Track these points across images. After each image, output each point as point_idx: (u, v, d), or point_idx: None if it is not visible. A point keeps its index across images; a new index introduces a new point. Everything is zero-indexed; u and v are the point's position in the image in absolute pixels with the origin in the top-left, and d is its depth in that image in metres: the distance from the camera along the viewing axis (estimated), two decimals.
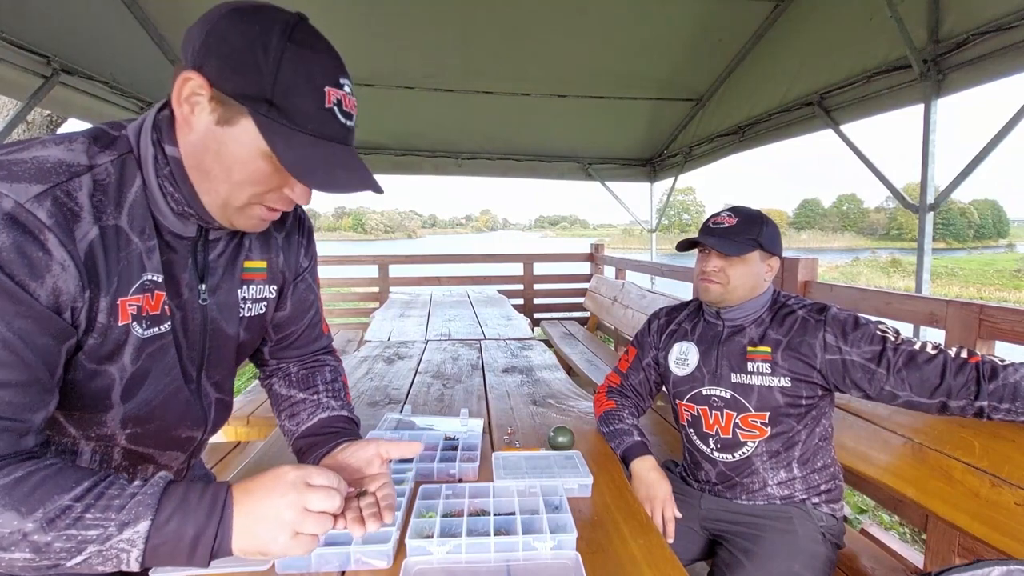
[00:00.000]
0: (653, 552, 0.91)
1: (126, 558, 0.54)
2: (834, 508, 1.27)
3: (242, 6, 0.61)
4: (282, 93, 0.59)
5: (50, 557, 0.52)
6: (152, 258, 0.66)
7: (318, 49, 0.63)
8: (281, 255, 0.85)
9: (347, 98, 0.64)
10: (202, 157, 0.63)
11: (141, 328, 0.66)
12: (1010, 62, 1.80)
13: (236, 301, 0.79)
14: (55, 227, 0.55)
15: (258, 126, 0.59)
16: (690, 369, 1.34)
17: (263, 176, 0.63)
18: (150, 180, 0.64)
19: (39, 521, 0.51)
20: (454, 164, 4.63)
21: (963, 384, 1.02)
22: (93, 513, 0.53)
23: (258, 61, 0.58)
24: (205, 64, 0.59)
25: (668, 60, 3.24)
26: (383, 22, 2.85)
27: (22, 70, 2.08)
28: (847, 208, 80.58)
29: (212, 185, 0.64)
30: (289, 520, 0.58)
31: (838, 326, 1.16)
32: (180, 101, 0.60)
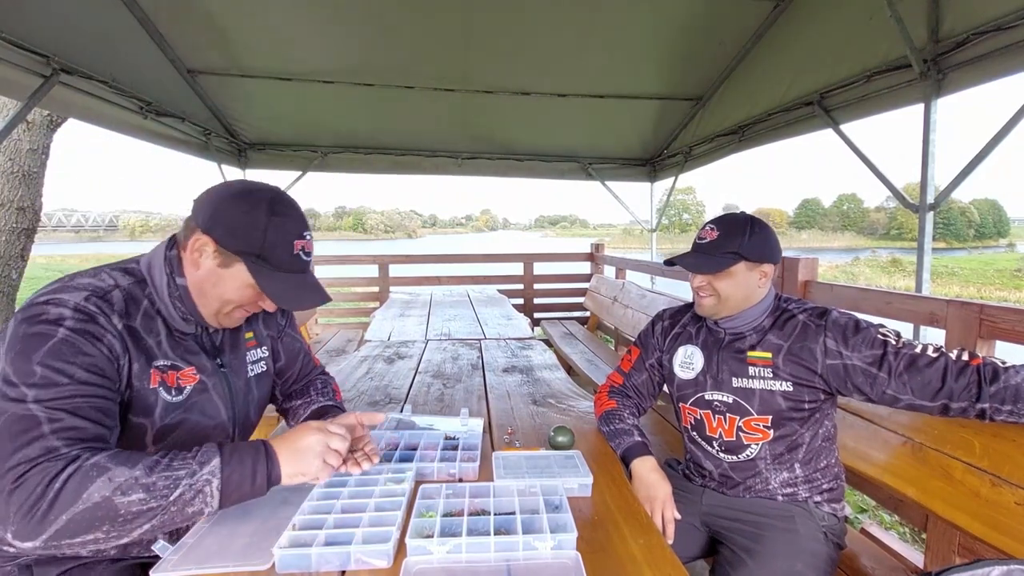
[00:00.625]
0: (653, 552, 0.91)
1: (209, 489, 0.80)
2: (836, 508, 1.27)
3: (239, 189, 0.93)
4: (268, 250, 0.91)
5: (155, 494, 0.75)
6: (160, 350, 0.94)
7: (290, 215, 0.94)
8: (261, 323, 1.18)
9: (308, 244, 0.97)
10: (204, 286, 0.94)
11: (167, 393, 0.94)
12: (1010, 61, 1.80)
13: (245, 364, 1.10)
14: (100, 313, 0.85)
15: (250, 271, 0.92)
16: (694, 373, 1.33)
17: (247, 298, 0.96)
18: (162, 298, 0.94)
19: (143, 468, 0.76)
20: (454, 164, 4.63)
21: (964, 387, 1.02)
22: (176, 461, 0.79)
23: (253, 231, 0.90)
24: (213, 229, 0.90)
25: (668, 60, 3.24)
26: (384, 22, 2.85)
27: (22, 70, 2.08)
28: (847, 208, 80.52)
29: (208, 302, 0.96)
30: (319, 450, 0.89)
31: (839, 331, 1.16)
32: (192, 250, 0.92)
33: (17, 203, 3.48)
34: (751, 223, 1.25)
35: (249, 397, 1.11)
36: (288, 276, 0.94)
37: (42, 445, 0.73)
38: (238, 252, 0.91)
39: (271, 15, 2.75)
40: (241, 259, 0.91)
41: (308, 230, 0.97)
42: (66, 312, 0.81)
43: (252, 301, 0.97)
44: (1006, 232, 70.58)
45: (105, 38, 2.48)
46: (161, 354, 0.93)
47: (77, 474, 0.72)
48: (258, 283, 0.92)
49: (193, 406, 0.97)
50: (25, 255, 3.66)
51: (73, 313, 0.81)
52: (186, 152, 3.58)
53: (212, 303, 0.95)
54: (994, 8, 1.80)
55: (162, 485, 0.75)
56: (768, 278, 1.26)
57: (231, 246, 0.90)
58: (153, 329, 0.93)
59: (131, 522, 0.74)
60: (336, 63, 3.24)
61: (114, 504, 0.72)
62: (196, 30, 2.81)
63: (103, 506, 0.72)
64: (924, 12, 2.01)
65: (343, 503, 1.00)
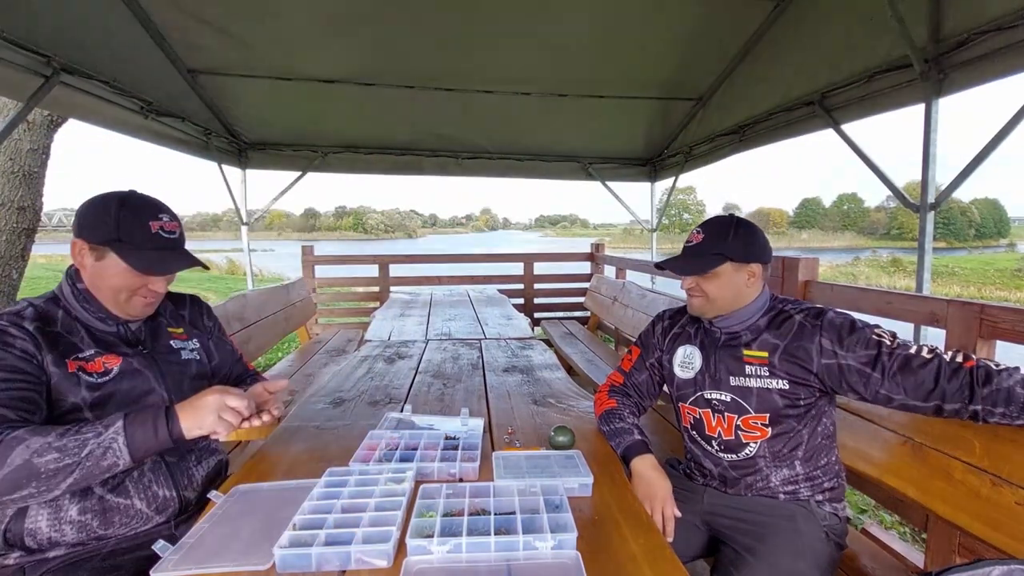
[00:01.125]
0: (653, 551, 0.91)
1: (116, 445, 0.92)
2: (837, 507, 1.27)
3: (94, 197, 1.11)
4: (125, 232, 1.08)
5: (67, 453, 0.89)
6: (84, 344, 1.10)
7: (140, 204, 1.12)
8: (189, 324, 1.34)
9: (166, 224, 1.13)
10: (94, 282, 1.11)
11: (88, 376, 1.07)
12: (1011, 61, 1.80)
13: (170, 348, 1.24)
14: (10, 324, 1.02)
15: (117, 254, 1.07)
16: (693, 373, 1.35)
17: (131, 280, 1.10)
18: (72, 304, 1.12)
19: (54, 435, 0.90)
20: (455, 164, 4.63)
21: (957, 388, 1.03)
22: (86, 427, 0.93)
23: (108, 222, 1.08)
24: (82, 232, 1.08)
25: (669, 60, 3.23)
26: (384, 22, 2.84)
27: (22, 70, 2.08)
28: (848, 207, 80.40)
29: (105, 295, 1.12)
30: (215, 407, 1.00)
31: (834, 331, 1.17)
32: (75, 256, 1.10)
33: (18, 203, 3.48)
34: (736, 224, 1.27)
35: (184, 374, 1.24)
36: (152, 251, 1.10)
37: None
38: (103, 243, 1.07)
39: (272, 15, 2.75)
40: (108, 247, 1.07)
41: (164, 213, 1.13)
42: None
43: (140, 284, 1.12)
44: (1006, 232, 70.51)
45: (106, 38, 2.48)
46: (85, 345, 1.09)
47: (1, 446, 0.87)
48: (125, 260, 1.07)
49: (122, 379, 1.11)
50: (25, 255, 3.66)
51: None
52: (186, 152, 3.58)
53: (107, 293, 1.11)
54: (995, 8, 1.79)
55: (72, 445, 0.89)
56: (757, 278, 1.27)
57: (96, 239, 1.07)
58: (75, 331, 1.10)
59: (53, 478, 0.89)
60: (337, 63, 3.24)
61: (33, 464, 0.87)
62: (197, 30, 2.81)
63: (24, 468, 0.86)
64: (925, 12, 2.01)
65: (343, 503, 1.00)
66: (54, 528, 1.02)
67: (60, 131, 3.67)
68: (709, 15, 2.79)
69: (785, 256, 2.19)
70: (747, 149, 3.47)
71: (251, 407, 1.06)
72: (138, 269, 1.09)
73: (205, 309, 1.43)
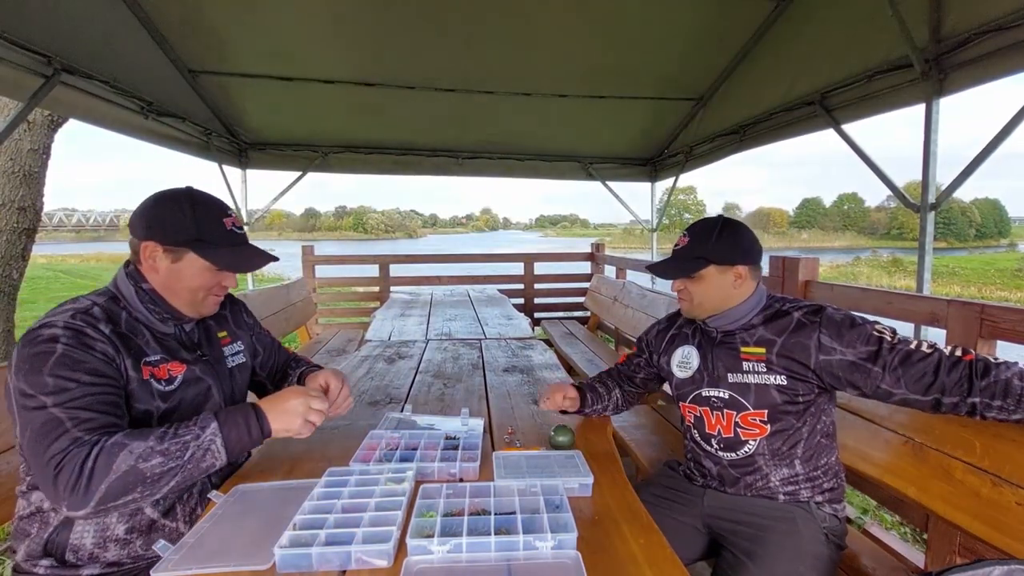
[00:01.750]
0: (654, 551, 0.91)
1: (215, 447, 0.94)
2: (836, 508, 1.27)
3: (158, 196, 1.08)
4: (204, 232, 1.07)
5: (171, 457, 0.90)
6: (150, 347, 1.08)
7: (209, 201, 1.11)
8: (233, 325, 1.35)
9: (235, 219, 1.13)
10: (170, 284, 1.09)
11: (158, 384, 1.06)
12: (1012, 61, 1.79)
13: (222, 355, 1.26)
14: (86, 325, 0.98)
15: (198, 254, 1.06)
16: (691, 372, 1.36)
17: (208, 280, 1.11)
18: (136, 306, 1.08)
19: (155, 439, 0.90)
20: (455, 163, 4.63)
21: (956, 381, 1.03)
22: (181, 429, 0.93)
23: (185, 222, 1.05)
24: (154, 235, 1.05)
25: (669, 59, 3.23)
26: (384, 22, 2.84)
27: (23, 70, 2.08)
28: (848, 207, 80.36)
29: (180, 296, 1.10)
30: (301, 411, 1.02)
31: (833, 327, 1.17)
32: (146, 259, 1.07)
33: (18, 203, 3.48)
34: (721, 227, 1.28)
35: (233, 382, 1.26)
36: (231, 248, 1.10)
37: (69, 437, 0.87)
38: (182, 244, 1.05)
39: (272, 15, 2.75)
40: (187, 248, 1.06)
41: (230, 209, 1.14)
42: (58, 331, 0.95)
43: (215, 282, 1.12)
44: (1007, 232, 70.45)
45: (106, 38, 2.48)
46: (151, 351, 1.08)
47: (103, 453, 0.86)
48: (209, 260, 1.07)
49: (187, 388, 1.11)
50: (26, 255, 3.66)
51: (64, 331, 0.95)
52: (187, 152, 3.58)
53: (184, 295, 1.10)
54: (995, 8, 1.79)
55: (174, 449, 0.90)
56: (745, 279, 1.28)
57: (174, 241, 1.05)
58: (138, 332, 1.07)
59: (158, 481, 0.89)
60: (337, 63, 3.24)
61: (139, 470, 0.87)
62: (197, 30, 2.81)
63: (131, 473, 0.86)
64: (925, 11, 2.01)
65: (344, 503, 1.00)
66: (98, 545, 1.02)
67: (60, 131, 3.67)
68: (710, 15, 2.79)
69: (785, 256, 2.19)
70: (748, 149, 3.47)
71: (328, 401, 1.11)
72: (222, 267, 1.09)
73: (243, 307, 1.43)
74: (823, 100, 2.64)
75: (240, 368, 1.30)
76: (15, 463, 1.27)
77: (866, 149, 2.57)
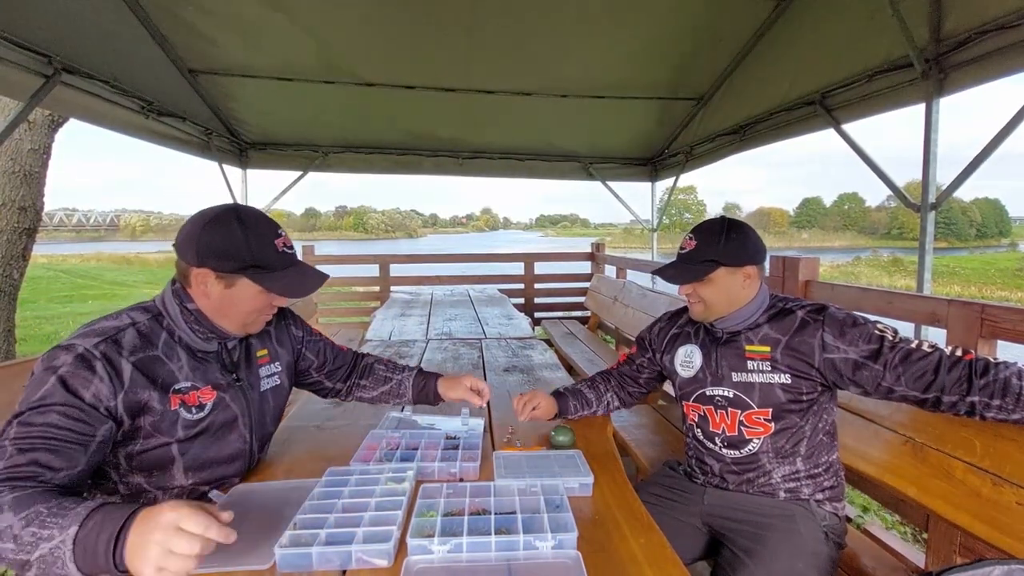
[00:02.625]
0: (654, 551, 0.91)
1: (63, 558, 0.74)
2: (836, 507, 1.27)
3: (207, 220, 1.02)
4: (258, 257, 1.03)
5: (22, 548, 0.75)
6: (183, 373, 1.05)
7: (259, 223, 1.05)
8: (275, 343, 1.30)
9: (285, 240, 1.09)
10: (222, 309, 1.06)
11: (188, 413, 1.05)
12: (1012, 61, 1.79)
13: (258, 377, 1.22)
14: (100, 359, 0.94)
15: (253, 281, 1.03)
16: (694, 371, 1.36)
17: (261, 303, 1.08)
18: (180, 326, 1.06)
19: (22, 519, 0.76)
20: (455, 163, 4.63)
21: (956, 380, 1.03)
22: (51, 519, 0.76)
23: (238, 248, 1.01)
24: (206, 261, 1.01)
25: (669, 59, 3.23)
26: (385, 22, 2.85)
27: (23, 69, 2.08)
28: (848, 207, 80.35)
29: (231, 320, 1.09)
30: (152, 557, 0.72)
31: (836, 326, 1.17)
32: (197, 284, 1.04)
33: (19, 203, 3.49)
34: (727, 228, 1.28)
35: (264, 407, 1.22)
36: (284, 272, 1.06)
37: None
38: (236, 271, 1.02)
39: (272, 15, 2.74)
40: (241, 274, 1.03)
41: (280, 228, 1.09)
42: (68, 359, 0.92)
43: (267, 304, 1.10)
44: (1008, 232, 70.42)
45: (107, 38, 2.48)
46: (183, 376, 1.05)
47: None
48: (264, 287, 1.04)
49: (215, 419, 1.10)
50: (26, 255, 3.66)
51: (73, 360, 0.92)
52: (187, 152, 3.58)
53: (236, 319, 1.09)
54: (996, 7, 1.79)
55: (27, 541, 0.76)
56: (753, 279, 1.28)
57: (227, 268, 1.02)
58: (175, 354, 1.05)
59: (12, 563, 0.77)
60: (337, 63, 3.24)
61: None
62: (197, 30, 2.81)
63: None
64: (926, 11, 2.01)
65: (344, 502, 1.00)
66: None
67: (61, 130, 3.68)
68: (710, 14, 2.79)
69: (786, 256, 2.19)
70: (748, 149, 3.47)
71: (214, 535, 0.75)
72: (279, 293, 1.06)
73: (291, 317, 1.38)
74: (823, 100, 2.64)
75: (274, 392, 1.26)
76: None
77: (866, 149, 2.57)
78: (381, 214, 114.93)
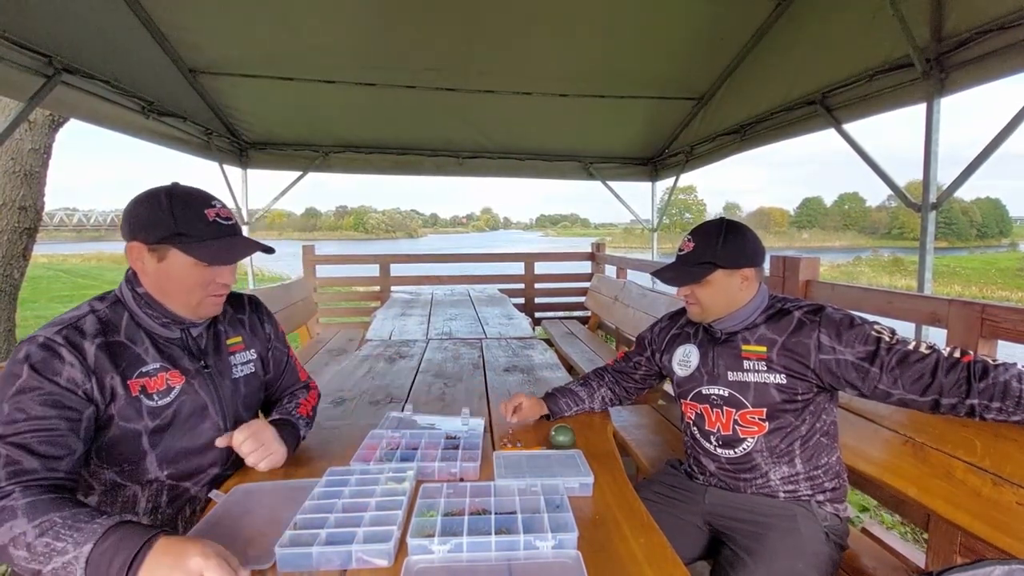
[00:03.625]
0: (654, 551, 0.91)
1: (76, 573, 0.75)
2: (838, 508, 1.27)
3: (139, 196, 1.04)
4: (183, 225, 1.01)
5: (35, 557, 0.77)
6: (149, 356, 1.05)
7: (189, 194, 1.05)
8: (248, 331, 1.28)
9: (221, 210, 1.07)
10: (161, 285, 1.05)
11: (150, 400, 1.04)
12: (1013, 60, 1.79)
13: (229, 365, 1.20)
14: (64, 344, 0.96)
15: (180, 250, 1.02)
16: (691, 370, 1.37)
17: (199, 276, 1.05)
18: (135, 311, 1.07)
19: (37, 528, 0.78)
20: (455, 163, 4.63)
21: (954, 382, 1.03)
22: (65, 531, 0.78)
23: (163, 218, 1.01)
24: (136, 234, 1.02)
25: (669, 59, 3.23)
26: (385, 22, 2.84)
27: (24, 69, 2.08)
28: (849, 207, 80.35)
29: (175, 298, 1.07)
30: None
31: (832, 327, 1.17)
32: (134, 260, 1.04)
33: (19, 202, 3.49)
34: (725, 231, 1.28)
35: (236, 396, 1.21)
36: (215, 241, 1.04)
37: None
38: (162, 240, 1.01)
39: (272, 15, 2.75)
40: (168, 244, 1.02)
41: (215, 200, 1.08)
42: (32, 349, 0.94)
43: (209, 280, 1.07)
44: (1008, 231, 70.42)
45: (107, 38, 2.48)
46: (150, 358, 1.05)
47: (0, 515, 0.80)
48: (192, 255, 1.02)
49: (182, 406, 1.08)
50: (27, 254, 3.67)
51: (38, 350, 0.94)
52: (188, 152, 3.58)
53: (179, 296, 1.07)
54: (997, 7, 1.79)
55: (41, 551, 0.77)
56: (750, 281, 1.28)
57: (154, 238, 1.01)
58: (138, 339, 1.05)
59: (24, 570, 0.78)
60: (337, 63, 3.24)
61: (8, 553, 0.79)
62: (198, 30, 2.81)
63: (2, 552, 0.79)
64: (927, 11, 2.00)
65: (344, 502, 1.00)
66: None
67: (61, 130, 3.68)
68: (711, 14, 2.79)
69: (786, 256, 2.19)
70: (748, 149, 3.47)
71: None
72: (205, 261, 1.03)
73: (265, 313, 1.36)
74: (824, 100, 2.63)
75: (248, 380, 1.24)
76: None
77: (867, 149, 2.57)
78: (381, 214, 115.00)
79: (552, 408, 1.53)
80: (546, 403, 1.54)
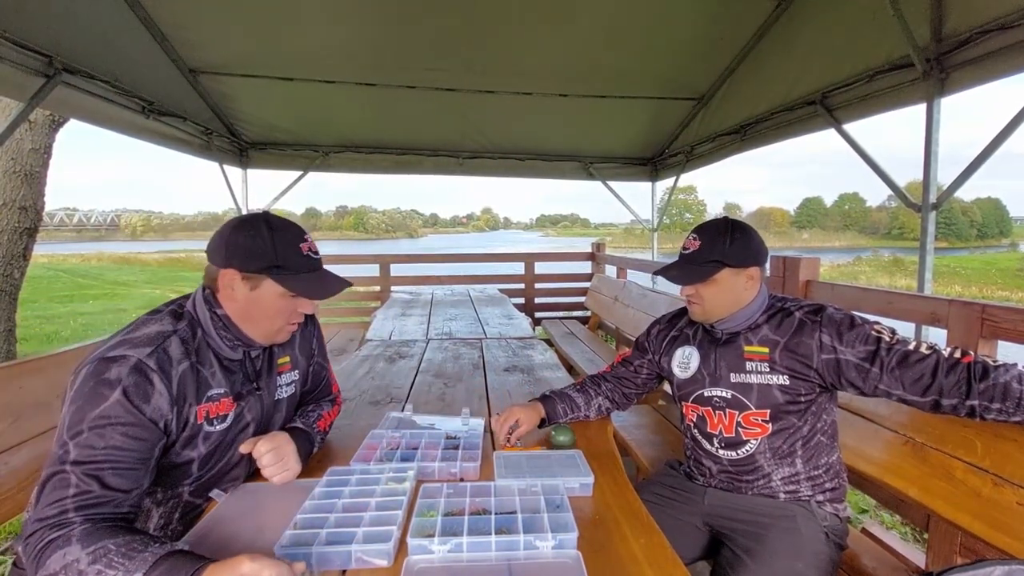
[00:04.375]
0: (654, 551, 0.91)
1: None
2: (838, 508, 1.27)
3: (237, 223, 1.05)
4: (281, 258, 1.03)
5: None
6: (215, 379, 1.06)
7: (287, 227, 1.07)
8: (297, 350, 1.29)
9: (311, 245, 1.10)
10: (249, 312, 1.06)
11: (210, 426, 1.05)
12: (1013, 60, 1.79)
13: (275, 386, 1.21)
14: (157, 371, 0.94)
15: (276, 281, 1.03)
16: (691, 372, 1.36)
17: (285, 307, 1.07)
18: (210, 332, 1.06)
19: (90, 556, 0.78)
20: (455, 163, 4.63)
21: (955, 383, 1.03)
22: (118, 560, 0.78)
23: (263, 249, 1.02)
24: (232, 262, 1.02)
25: (670, 59, 3.23)
26: (385, 22, 2.85)
27: (24, 70, 2.08)
28: (849, 207, 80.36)
29: (257, 324, 1.08)
30: None
31: (834, 327, 1.17)
32: (224, 287, 1.04)
33: (19, 203, 3.49)
34: (731, 229, 1.27)
35: (276, 417, 1.23)
36: (308, 275, 1.07)
37: (59, 508, 0.83)
38: (260, 271, 1.03)
39: (273, 15, 2.75)
40: (265, 275, 1.03)
41: (307, 234, 1.11)
42: (124, 373, 0.91)
43: (291, 310, 1.09)
44: (1008, 232, 70.42)
45: (107, 38, 2.48)
46: (215, 383, 1.06)
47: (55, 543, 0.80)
48: (286, 287, 1.04)
49: (232, 430, 1.10)
50: (27, 254, 3.67)
51: (130, 374, 0.91)
52: (188, 152, 3.58)
53: (262, 324, 1.08)
54: (997, 7, 1.79)
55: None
56: (755, 280, 1.28)
57: (252, 268, 1.02)
58: (207, 361, 1.06)
59: None
60: (337, 63, 3.24)
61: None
62: (198, 29, 2.81)
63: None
64: (927, 11, 2.00)
65: (344, 502, 1.00)
66: None
67: (61, 130, 3.68)
68: (711, 14, 2.79)
69: (786, 256, 2.19)
70: (749, 149, 3.46)
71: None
72: (301, 294, 1.06)
73: (317, 328, 1.38)
74: (824, 100, 2.63)
75: (290, 400, 1.26)
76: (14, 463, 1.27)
77: (867, 149, 2.57)
78: (381, 214, 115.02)
79: (549, 412, 1.46)
80: (543, 406, 1.47)
